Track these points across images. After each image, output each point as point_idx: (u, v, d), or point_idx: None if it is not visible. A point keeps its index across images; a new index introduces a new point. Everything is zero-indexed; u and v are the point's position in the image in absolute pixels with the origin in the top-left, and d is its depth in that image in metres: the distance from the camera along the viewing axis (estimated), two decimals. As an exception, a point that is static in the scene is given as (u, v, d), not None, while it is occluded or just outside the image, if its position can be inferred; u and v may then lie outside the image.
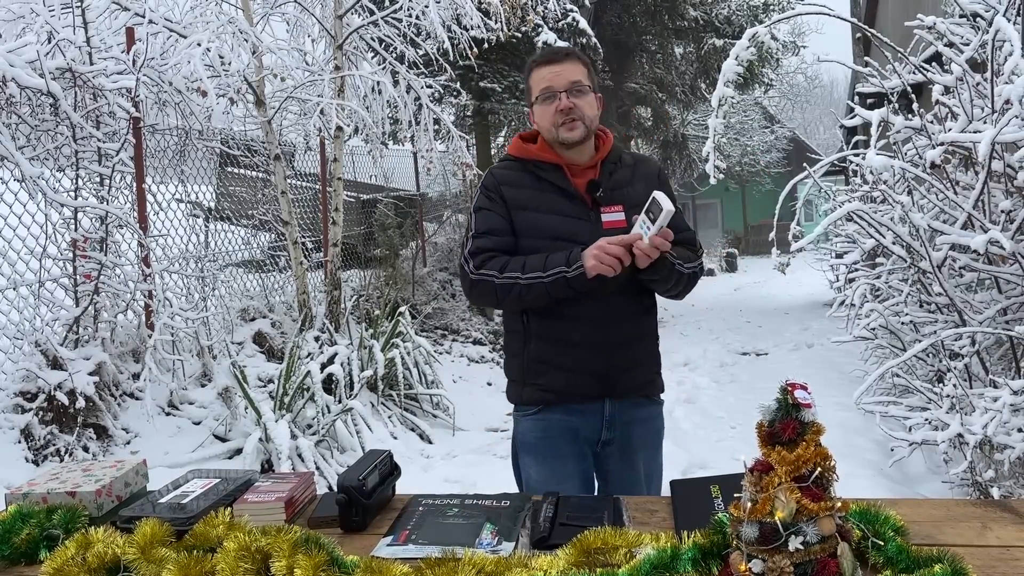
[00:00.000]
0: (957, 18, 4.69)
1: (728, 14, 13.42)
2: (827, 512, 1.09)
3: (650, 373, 2.12)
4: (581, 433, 2.06)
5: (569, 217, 2.00)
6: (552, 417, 2.05)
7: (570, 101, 1.98)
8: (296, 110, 7.09)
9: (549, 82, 2.00)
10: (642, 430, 2.11)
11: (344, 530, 1.52)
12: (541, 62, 2.04)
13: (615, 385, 2.03)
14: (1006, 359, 4.08)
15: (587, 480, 2.08)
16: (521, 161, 2.10)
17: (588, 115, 2.02)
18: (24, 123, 4.35)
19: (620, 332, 2.02)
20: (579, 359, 2.01)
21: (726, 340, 10.25)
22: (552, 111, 1.99)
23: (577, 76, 2.01)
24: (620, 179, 2.07)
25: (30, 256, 4.54)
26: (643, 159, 2.20)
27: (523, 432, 2.11)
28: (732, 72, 4.06)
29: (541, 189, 2.04)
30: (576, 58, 2.05)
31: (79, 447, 4.19)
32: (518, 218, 2.03)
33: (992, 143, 3.26)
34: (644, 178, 2.10)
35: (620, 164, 2.11)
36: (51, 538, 1.46)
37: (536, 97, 2.04)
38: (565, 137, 2.01)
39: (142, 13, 5.03)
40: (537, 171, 2.06)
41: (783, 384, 1.15)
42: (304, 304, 6.23)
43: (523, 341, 2.07)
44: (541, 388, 2.05)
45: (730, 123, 24.18)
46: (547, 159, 2.06)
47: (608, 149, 2.10)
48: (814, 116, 40.88)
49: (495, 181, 2.08)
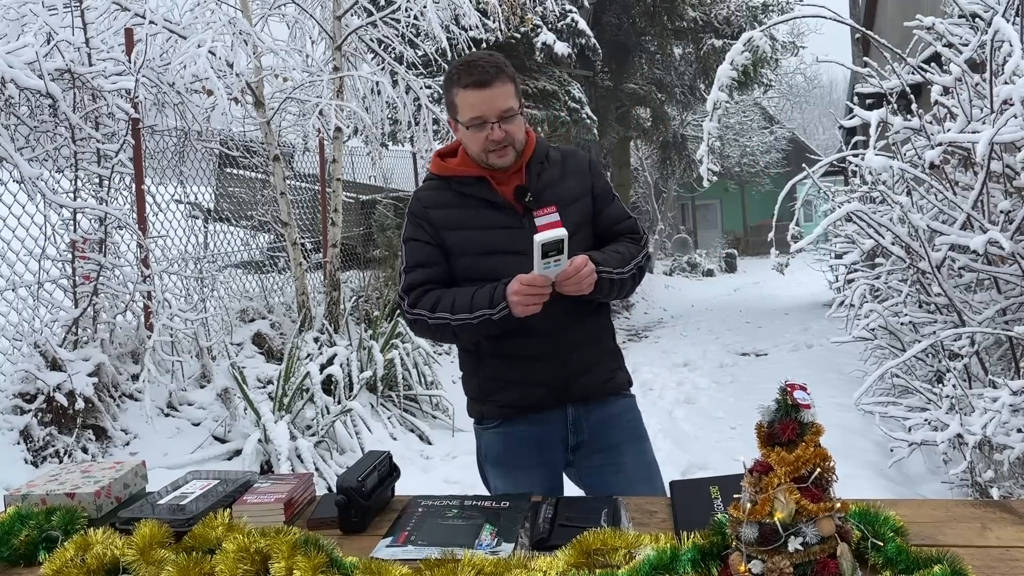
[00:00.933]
0: (956, 18, 4.69)
1: (727, 15, 13.42)
2: (827, 513, 1.09)
3: (608, 371, 2.06)
4: (545, 441, 2.02)
5: (501, 228, 1.94)
6: (514, 429, 2.02)
7: (503, 131, 1.89)
8: (295, 111, 7.09)
9: (479, 112, 1.88)
10: (618, 424, 2.05)
11: (343, 531, 1.52)
12: (468, 84, 1.89)
13: (573, 390, 1.99)
14: (1005, 359, 4.08)
15: (553, 491, 2.01)
16: (444, 179, 2.02)
17: (518, 138, 1.94)
18: (23, 124, 4.35)
19: (571, 339, 1.97)
20: (533, 371, 1.97)
21: (726, 341, 10.25)
22: (483, 139, 1.90)
23: (508, 102, 1.90)
24: (549, 178, 2.00)
25: (29, 257, 4.54)
26: (571, 153, 2.12)
27: (486, 445, 2.09)
28: (727, 77, 4.07)
29: (467, 205, 1.97)
30: (504, 76, 1.91)
31: (78, 448, 4.19)
32: (450, 239, 1.96)
33: (991, 143, 3.26)
34: (575, 173, 2.04)
35: (548, 162, 2.02)
36: (50, 539, 1.46)
37: (464, 123, 1.92)
38: (496, 163, 1.94)
39: (142, 14, 5.03)
40: (461, 187, 1.99)
41: (782, 385, 1.15)
42: (303, 305, 6.22)
43: (476, 359, 2.04)
44: (499, 404, 2.02)
45: (729, 123, 24.22)
46: (469, 173, 1.98)
47: (532, 150, 2.00)
48: (813, 117, 40.90)
49: (420, 206, 2.01)
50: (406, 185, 10.62)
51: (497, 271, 1.91)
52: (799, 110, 37.93)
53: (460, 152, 2.02)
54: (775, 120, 29.27)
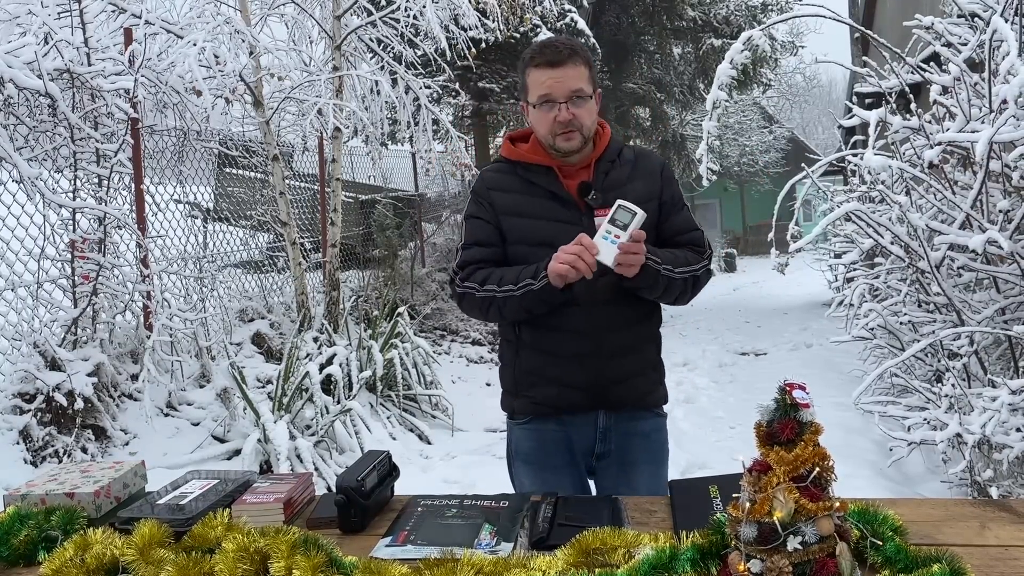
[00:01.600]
0: (955, 18, 4.69)
1: (726, 14, 13.42)
2: (826, 512, 1.09)
3: (648, 384, 2.02)
4: (575, 444, 2.00)
5: (559, 222, 1.90)
6: (545, 427, 2.00)
7: (570, 112, 1.88)
8: (294, 111, 7.09)
9: (549, 89, 1.88)
10: (642, 443, 2.02)
11: (343, 531, 1.52)
12: (541, 63, 1.89)
13: (608, 397, 1.95)
14: (1004, 359, 4.08)
15: (582, 491, 2.01)
16: (511, 163, 2.01)
17: (587, 124, 1.92)
18: (22, 124, 4.35)
19: (612, 343, 1.92)
20: (569, 371, 1.93)
21: (725, 340, 10.25)
22: (550, 120, 1.89)
23: (579, 83, 1.89)
24: (617, 178, 1.96)
25: (28, 257, 4.54)
26: (645, 154, 2.08)
27: (516, 441, 2.07)
28: (726, 76, 4.08)
29: (531, 193, 1.95)
30: (578, 58, 1.90)
31: (77, 448, 4.18)
32: (507, 224, 1.95)
33: (990, 143, 3.26)
34: (645, 176, 1.99)
35: (619, 161, 1.99)
36: (50, 539, 1.46)
37: (533, 102, 1.92)
38: (562, 147, 1.91)
39: (139, 14, 5.03)
40: (527, 174, 1.97)
41: (782, 384, 1.15)
42: (303, 305, 6.22)
43: (515, 351, 2.02)
44: (532, 400, 2.00)
45: (729, 123, 24.22)
46: (537, 161, 1.96)
47: (604, 146, 1.98)
48: (812, 116, 40.91)
49: (484, 186, 2.01)
50: (405, 185, 10.62)
51: None
52: (798, 110, 37.93)
53: (531, 139, 2.01)
54: (774, 120, 29.27)
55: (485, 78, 9.61)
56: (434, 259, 10.47)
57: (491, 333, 8.88)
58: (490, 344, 8.62)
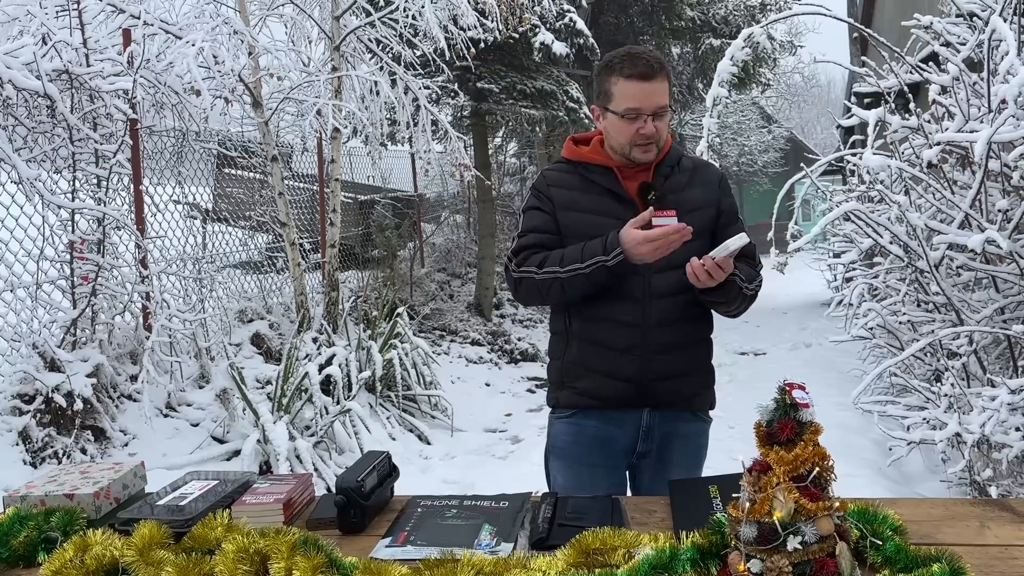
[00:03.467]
0: (954, 18, 4.70)
1: (725, 14, 13.42)
2: (825, 512, 1.09)
3: (695, 386, 2.03)
4: (617, 443, 2.00)
5: (616, 219, 1.93)
6: (586, 423, 2.01)
7: (654, 126, 1.92)
8: (293, 111, 7.08)
9: (639, 103, 1.91)
10: (681, 446, 2.04)
11: (342, 531, 1.52)
12: (633, 75, 1.91)
13: (653, 394, 1.96)
14: (1003, 358, 4.08)
15: (618, 491, 1.99)
16: (572, 163, 2.06)
17: (663, 137, 1.97)
18: (21, 125, 4.34)
19: (661, 338, 1.94)
20: (615, 363, 1.95)
21: (724, 339, 10.24)
22: (633, 131, 1.93)
23: (664, 99, 1.94)
24: (675, 183, 2.01)
25: (27, 258, 4.53)
26: (704, 165, 2.13)
27: (555, 434, 2.08)
28: (727, 72, 4.08)
29: (590, 191, 2.00)
30: (664, 74, 1.94)
31: (77, 449, 4.18)
32: (565, 218, 2.00)
33: (989, 142, 3.26)
34: (704, 184, 2.05)
35: (678, 168, 2.04)
36: (49, 540, 1.46)
37: (619, 112, 1.94)
38: (639, 158, 1.96)
39: (138, 15, 5.02)
40: (588, 173, 2.02)
41: (781, 384, 1.15)
42: (302, 305, 6.22)
43: (564, 343, 2.04)
44: (576, 391, 2.01)
45: (727, 123, 24.22)
46: (599, 162, 2.02)
47: (665, 152, 2.03)
48: (811, 116, 40.90)
49: (545, 182, 2.06)
50: (405, 185, 10.62)
51: None
52: (797, 109, 37.93)
53: (594, 142, 2.05)
54: (773, 119, 29.26)
55: (484, 78, 9.59)
56: (433, 259, 10.47)
57: (490, 334, 8.88)
58: (489, 344, 8.62)
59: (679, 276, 1.89)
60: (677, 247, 1.82)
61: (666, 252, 1.83)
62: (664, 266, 1.90)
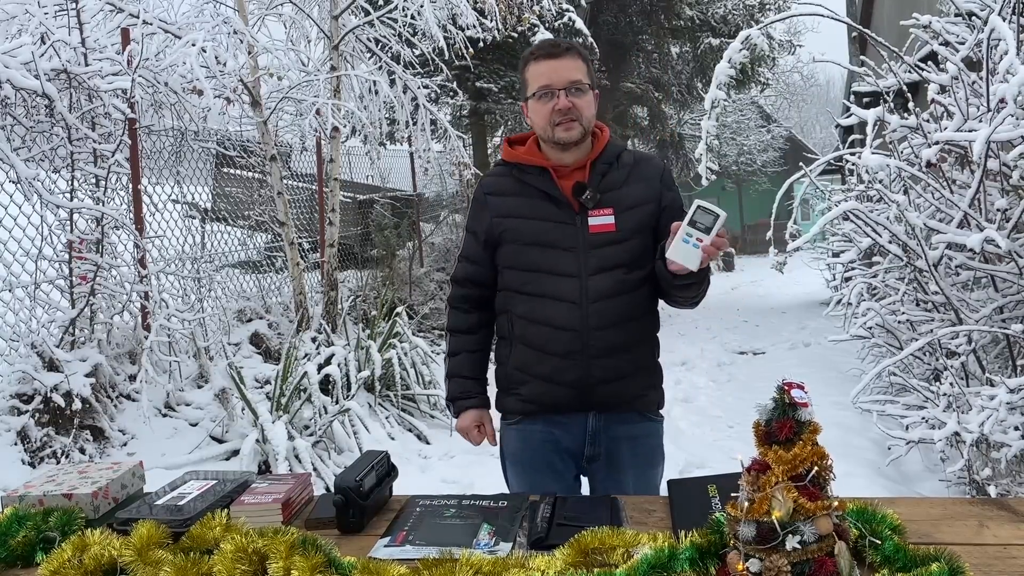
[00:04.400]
0: (952, 17, 4.70)
1: (724, 13, 13.43)
2: (824, 511, 1.09)
3: (639, 387, 1.99)
4: (565, 448, 1.99)
5: (552, 222, 1.93)
6: (533, 428, 2.00)
7: (569, 100, 1.90)
8: (292, 110, 7.08)
9: (548, 79, 1.91)
10: (631, 448, 1.99)
11: (341, 531, 1.52)
12: (540, 56, 1.94)
13: (596, 397, 1.94)
14: (1002, 357, 4.08)
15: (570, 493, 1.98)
16: (508, 165, 2.04)
17: (586, 115, 1.93)
18: (19, 124, 4.34)
19: (601, 341, 1.91)
20: (557, 368, 1.93)
21: (723, 339, 10.26)
22: (549, 110, 1.91)
23: (577, 74, 1.92)
24: (613, 181, 1.97)
25: (26, 258, 4.53)
26: (645, 158, 2.08)
27: (506, 440, 2.09)
28: (725, 75, 4.08)
29: (526, 194, 1.98)
30: (576, 53, 1.95)
31: (75, 449, 4.18)
32: (502, 226, 1.99)
33: (987, 142, 3.26)
34: (644, 180, 1.99)
35: (617, 164, 2.00)
36: (48, 540, 1.46)
37: (533, 93, 1.94)
38: (561, 137, 1.92)
39: (136, 14, 5.02)
40: (522, 175, 2.00)
41: (780, 383, 1.15)
42: (301, 305, 6.22)
43: (509, 347, 2.03)
44: (521, 398, 2.00)
45: (726, 122, 24.23)
46: (533, 162, 1.99)
47: (601, 148, 1.99)
48: (810, 115, 40.93)
49: (482, 191, 2.06)
50: (403, 185, 10.61)
51: (539, 263, 1.94)
52: (796, 109, 37.96)
53: (529, 142, 2.04)
54: (772, 119, 29.27)
55: (483, 78, 9.61)
56: (432, 259, 10.46)
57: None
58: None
59: (616, 278, 1.90)
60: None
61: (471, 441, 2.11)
62: (598, 268, 1.91)
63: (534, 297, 1.95)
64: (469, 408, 2.09)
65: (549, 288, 1.93)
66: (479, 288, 2.09)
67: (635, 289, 1.94)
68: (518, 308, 1.99)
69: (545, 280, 1.93)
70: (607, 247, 1.92)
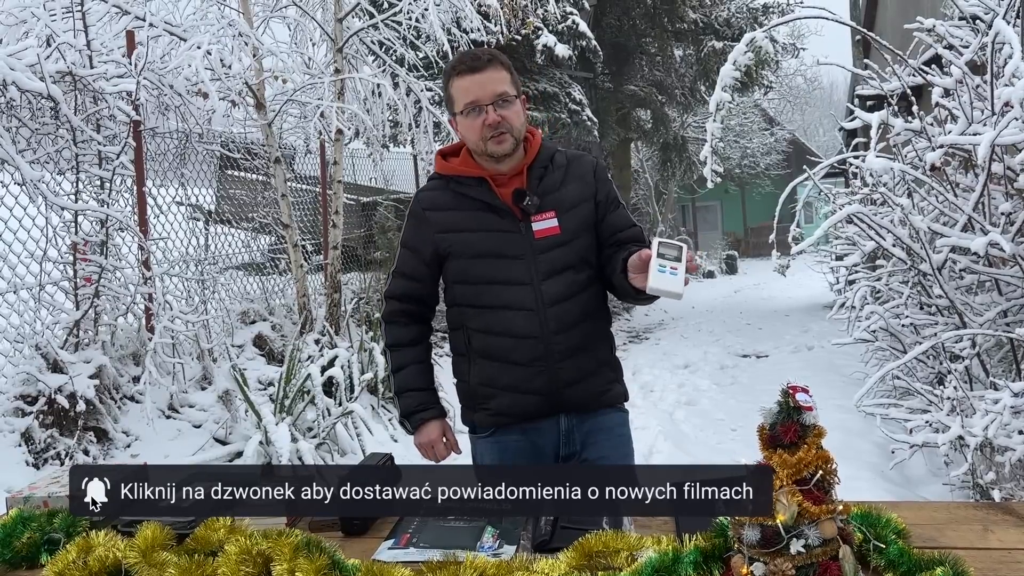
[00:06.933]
0: (956, 20, 4.69)
1: (727, 16, 13.44)
2: (828, 515, 1.09)
3: (604, 383, 2.01)
4: (541, 451, 1.99)
5: (497, 232, 1.92)
6: (508, 438, 2.00)
7: (498, 115, 1.87)
8: (296, 113, 7.09)
9: (474, 95, 1.88)
10: (606, 439, 2.01)
11: (345, 534, 1.52)
12: (462, 70, 1.90)
13: (566, 400, 1.95)
14: (1006, 361, 4.07)
15: None
16: (444, 178, 2.00)
17: (516, 126, 1.90)
18: (24, 126, 4.35)
19: (562, 345, 1.92)
20: (523, 378, 1.93)
21: (726, 342, 10.25)
22: (479, 125, 1.88)
23: (502, 86, 1.89)
24: (551, 183, 1.97)
25: (30, 259, 4.54)
26: (577, 157, 2.06)
27: (481, 455, 2.08)
28: (730, 77, 4.07)
29: (465, 207, 1.95)
30: (498, 64, 1.92)
31: (79, 450, 4.19)
32: (445, 241, 1.95)
33: (992, 145, 3.26)
34: (578, 178, 1.99)
35: (552, 166, 1.99)
36: (52, 542, 1.46)
37: (460, 110, 1.91)
38: (495, 151, 1.90)
39: (143, 16, 5.03)
40: (460, 188, 1.97)
41: (784, 387, 1.15)
42: (304, 307, 6.22)
43: (468, 363, 2.01)
44: (491, 412, 1.99)
45: (730, 125, 24.21)
46: (470, 173, 1.96)
47: (536, 152, 1.97)
48: (814, 118, 40.87)
49: (419, 207, 2.01)
50: (407, 187, 10.62)
51: (490, 275, 1.92)
52: (799, 112, 37.90)
53: (463, 153, 2.00)
54: (775, 122, 29.26)
55: (486, 80, 9.64)
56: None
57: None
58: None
59: (567, 280, 1.90)
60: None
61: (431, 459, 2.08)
62: (549, 272, 1.90)
63: (490, 309, 1.94)
64: (429, 420, 2.07)
65: (504, 298, 1.92)
66: (417, 304, 2.07)
67: (586, 288, 1.95)
68: (473, 322, 1.97)
69: (499, 290, 1.92)
70: (554, 250, 1.92)
